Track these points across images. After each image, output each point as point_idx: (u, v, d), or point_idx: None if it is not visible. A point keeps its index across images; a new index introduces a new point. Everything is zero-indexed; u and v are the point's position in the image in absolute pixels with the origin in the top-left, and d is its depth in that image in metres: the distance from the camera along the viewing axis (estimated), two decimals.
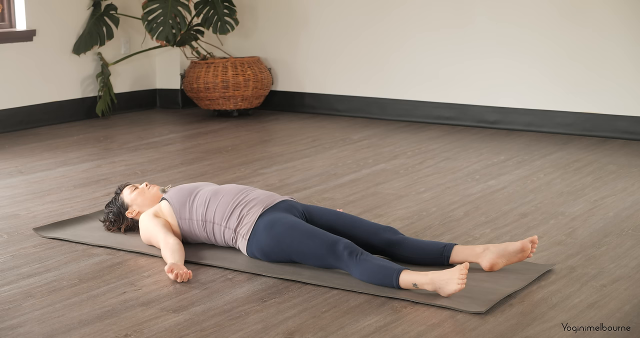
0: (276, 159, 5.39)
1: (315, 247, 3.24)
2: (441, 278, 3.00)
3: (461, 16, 6.38)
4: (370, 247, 3.39)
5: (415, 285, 3.06)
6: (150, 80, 7.40)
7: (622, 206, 4.24)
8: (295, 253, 3.30)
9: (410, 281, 3.06)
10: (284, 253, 3.33)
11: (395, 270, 3.10)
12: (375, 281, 3.12)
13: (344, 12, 6.83)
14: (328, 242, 3.23)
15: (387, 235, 3.38)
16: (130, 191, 3.76)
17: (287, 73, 7.18)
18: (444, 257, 3.31)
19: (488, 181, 4.77)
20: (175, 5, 6.59)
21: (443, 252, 3.32)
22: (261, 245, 3.36)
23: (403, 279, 3.07)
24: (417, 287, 3.06)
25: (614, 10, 5.87)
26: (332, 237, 3.25)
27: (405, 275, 3.08)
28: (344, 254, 3.18)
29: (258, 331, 2.78)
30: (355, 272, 3.16)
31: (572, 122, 6.10)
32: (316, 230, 3.29)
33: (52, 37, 6.53)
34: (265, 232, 3.35)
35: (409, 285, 3.07)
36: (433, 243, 3.36)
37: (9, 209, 4.25)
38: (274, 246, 3.33)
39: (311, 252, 3.25)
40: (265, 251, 3.36)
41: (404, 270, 3.09)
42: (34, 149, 5.72)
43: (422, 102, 6.63)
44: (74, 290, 3.15)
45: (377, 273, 3.11)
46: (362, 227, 3.42)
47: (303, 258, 3.30)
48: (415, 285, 3.06)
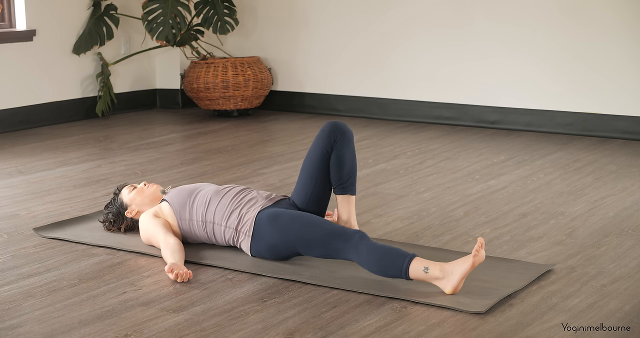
0: (276, 158, 5.39)
1: (322, 232, 3.23)
2: (453, 263, 3.03)
3: (461, 16, 6.38)
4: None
5: (426, 268, 3.03)
6: (150, 80, 7.40)
7: (622, 206, 4.24)
8: (301, 243, 3.28)
9: (423, 264, 3.04)
10: (289, 245, 3.32)
11: (407, 255, 3.07)
12: (382, 265, 3.08)
13: (344, 12, 6.83)
14: (336, 227, 3.23)
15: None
16: (129, 191, 3.76)
17: (287, 73, 7.18)
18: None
19: (488, 181, 4.77)
20: (175, 5, 6.59)
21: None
22: (266, 238, 3.35)
23: (415, 264, 3.05)
24: (427, 272, 3.03)
25: (614, 10, 5.87)
26: (339, 225, 3.26)
27: (418, 260, 3.06)
28: (355, 236, 3.16)
29: (258, 331, 2.78)
30: (362, 255, 3.12)
31: (572, 122, 6.10)
32: (321, 218, 3.31)
33: (52, 37, 6.53)
34: (269, 225, 3.35)
35: (419, 270, 3.04)
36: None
37: (9, 209, 4.25)
38: (279, 238, 3.32)
39: (317, 239, 3.23)
40: (270, 244, 3.35)
41: (417, 256, 3.08)
42: (34, 149, 5.72)
43: (422, 102, 6.63)
44: (74, 290, 3.15)
45: (386, 255, 3.08)
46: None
47: (307, 246, 3.27)
48: (427, 269, 3.03)
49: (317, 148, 3.50)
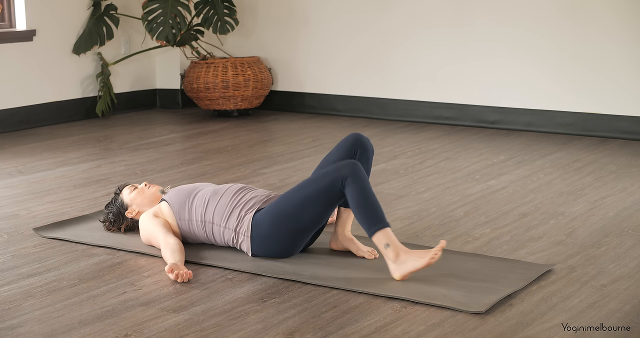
0: (276, 159, 5.39)
1: (316, 183, 3.28)
2: (408, 253, 3.14)
3: (461, 16, 6.38)
4: None
5: (387, 245, 3.14)
6: (150, 80, 7.40)
7: (622, 206, 4.24)
8: (301, 205, 3.28)
9: (386, 240, 3.14)
10: (291, 221, 3.31)
11: (380, 222, 3.16)
12: (357, 213, 3.18)
13: (344, 12, 6.83)
14: (325, 172, 3.29)
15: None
16: (129, 191, 3.76)
17: (287, 73, 7.18)
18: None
19: (488, 181, 4.77)
20: (175, 5, 6.59)
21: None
22: (265, 231, 3.36)
23: (380, 235, 3.15)
24: (386, 249, 3.14)
25: (614, 10, 5.87)
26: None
27: (385, 233, 3.15)
28: (348, 168, 3.22)
29: (258, 331, 2.78)
30: (354, 187, 3.18)
31: (572, 122, 6.10)
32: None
33: (52, 37, 6.53)
34: (266, 218, 3.36)
35: (380, 243, 3.15)
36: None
37: (9, 209, 4.25)
38: (279, 222, 3.32)
39: (317, 186, 3.26)
40: (271, 234, 3.35)
41: (388, 228, 3.17)
42: (34, 149, 5.72)
43: (422, 102, 6.63)
44: (74, 290, 3.15)
45: (364, 210, 3.17)
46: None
47: (310, 203, 3.28)
48: (387, 246, 3.14)
49: (336, 156, 3.50)
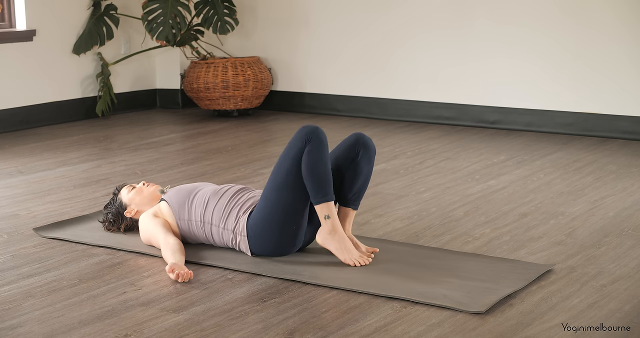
0: (276, 159, 5.38)
1: (283, 161, 3.35)
2: (347, 242, 3.32)
3: (461, 16, 6.38)
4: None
5: (327, 217, 3.30)
6: (150, 80, 7.40)
7: (622, 206, 4.24)
8: (278, 194, 3.33)
9: (327, 212, 3.31)
10: (279, 211, 3.33)
11: (325, 196, 3.29)
12: (308, 180, 3.27)
13: (344, 12, 6.83)
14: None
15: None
16: (128, 191, 3.76)
17: (287, 73, 7.18)
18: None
19: (488, 181, 4.77)
20: (175, 5, 6.60)
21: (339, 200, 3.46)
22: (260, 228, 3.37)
23: (322, 207, 3.30)
24: (325, 220, 3.31)
25: (614, 10, 5.87)
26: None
27: (327, 206, 3.30)
28: (308, 137, 3.31)
29: (258, 331, 2.78)
30: (312, 155, 3.27)
31: (572, 122, 6.10)
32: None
33: (52, 37, 6.53)
34: (257, 214, 3.38)
35: (321, 213, 3.31)
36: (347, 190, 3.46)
37: (9, 209, 4.25)
38: (269, 215, 3.34)
39: (284, 171, 3.33)
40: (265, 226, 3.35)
41: (330, 202, 3.30)
42: (34, 149, 5.72)
43: (422, 102, 6.63)
44: (74, 290, 3.15)
45: (313, 179, 3.28)
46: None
47: (286, 186, 3.32)
48: (327, 217, 3.30)
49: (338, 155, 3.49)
